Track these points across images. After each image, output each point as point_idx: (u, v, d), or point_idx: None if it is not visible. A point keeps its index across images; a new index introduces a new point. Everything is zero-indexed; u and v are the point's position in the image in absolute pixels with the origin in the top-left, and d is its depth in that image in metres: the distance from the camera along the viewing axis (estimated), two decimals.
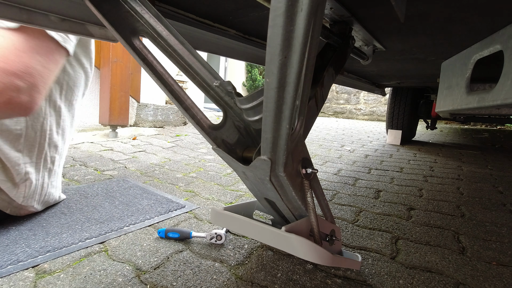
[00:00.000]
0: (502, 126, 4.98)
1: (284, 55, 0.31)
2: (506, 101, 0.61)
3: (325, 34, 0.63)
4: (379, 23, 0.73)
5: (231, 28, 0.84)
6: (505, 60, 0.62)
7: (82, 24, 0.59)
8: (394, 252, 0.82)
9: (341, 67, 0.70)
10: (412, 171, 1.82)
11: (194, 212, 1.03)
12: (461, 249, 0.85)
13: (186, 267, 0.70)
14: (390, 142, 2.95)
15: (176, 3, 0.66)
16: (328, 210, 0.65)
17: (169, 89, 0.49)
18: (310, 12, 0.29)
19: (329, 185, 1.45)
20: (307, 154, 0.52)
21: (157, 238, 0.83)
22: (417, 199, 1.28)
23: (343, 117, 6.72)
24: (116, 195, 1.13)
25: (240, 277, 0.67)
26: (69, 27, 0.57)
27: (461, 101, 0.86)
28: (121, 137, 2.47)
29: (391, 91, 2.98)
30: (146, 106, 2.97)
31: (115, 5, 0.50)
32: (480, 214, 1.13)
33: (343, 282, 0.67)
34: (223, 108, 0.53)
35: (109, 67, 2.42)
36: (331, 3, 0.58)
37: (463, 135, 3.97)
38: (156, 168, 1.61)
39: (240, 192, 1.28)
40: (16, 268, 0.65)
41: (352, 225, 0.99)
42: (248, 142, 0.56)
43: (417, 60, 1.20)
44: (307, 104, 0.46)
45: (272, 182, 0.46)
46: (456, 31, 0.76)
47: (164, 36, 0.51)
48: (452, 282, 0.69)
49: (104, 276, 0.65)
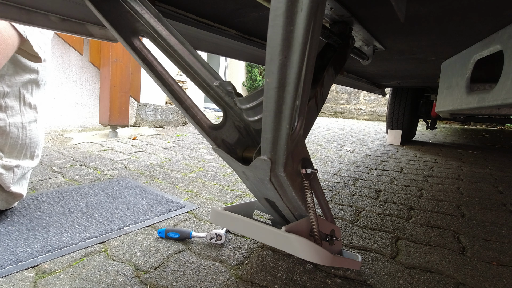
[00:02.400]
0: (502, 126, 4.98)
1: (284, 55, 0.31)
2: (506, 101, 0.61)
3: (325, 34, 0.63)
4: (379, 23, 0.73)
5: (231, 28, 0.84)
6: (505, 60, 0.62)
7: (82, 24, 0.59)
8: (394, 252, 0.82)
9: (341, 67, 0.70)
10: (412, 171, 1.82)
11: (194, 212, 1.03)
12: (461, 249, 0.85)
13: (186, 267, 0.70)
14: (390, 142, 2.95)
15: (176, 3, 0.66)
16: (328, 210, 0.65)
17: (169, 89, 0.49)
18: (310, 12, 0.29)
19: (329, 185, 1.45)
20: (307, 154, 0.52)
21: (157, 238, 0.83)
22: (417, 199, 1.28)
23: (343, 117, 6.72)
24: (116, 195, 1.13)
25: (240, 277, 0.67)
26: (69, 27, 0.57)
27: (461, 101, 0.85)
28: (121, 137, 2.47)
29: (391, 91, 2.98)
30: (146, 106, 2.97)
31: (115, 5, 0.50)
32: (480, 214, 1.13)
33: (343, 282, 0.67)
34: (223, 108, 0.53)
35: (109, 67, 2.42)
36: (331, 3, 0.58)
37: (463, 135, 3.97)
38: (156, 168, 1.61)
39: (240, 192, 1.28)
40: (16, 268, 0.65)
41: (352, 225, 0.99)
42: (248, 142, 0.56)
43: (417, 60, 1.20)
44: (307, 104, 0.46)
45: (272, 182, 0.46)
46: (456, 31, 0.76)
47: (164, 36, 0.51)
48: (452, 282, 0.69)
49: (104, 276, 0.65)
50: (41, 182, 1.25)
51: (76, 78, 2.53)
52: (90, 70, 2.61)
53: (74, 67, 2.50)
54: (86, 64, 2.57)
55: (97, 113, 2.66)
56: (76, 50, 2.48)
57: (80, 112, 2.59)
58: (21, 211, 0.93)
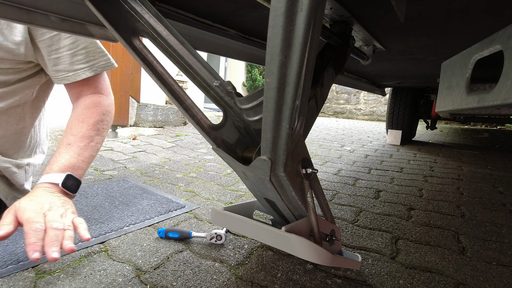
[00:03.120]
0: (502, 126, 4.98)
1: (284, 55, 0.31)
2: (506, 101, 0.61)
3: (325, 34, 0.63)
4: (379, 23, 0.73)
5: (231, 28, 0.84)
6: (505, 60, 0.62)
7: (82, 24, 0.59)
8: (394, 252, 0.82)
9: (341, 67, 0.70)
10: (412, 171, 1.82)
11: (194, 212, 1.03)
12: (461, 249, 0.85)
13: (186, 267, 0.70)
14: (390, 142, 2.95)
15: (176, 3, 0.66)
16: (328, 210, 0.65)
17: (169, 89, 0.49)
18: (310, 12, 0.29)
19: (329, 185, 1.45)
20: (307, 154, 0.52)
21: (157, 238, 0.83)
22: (417, 199, 1.28)
23: (343, 117, 6.72)
24: (116, 195, 1.13)
25: (240, 277, 0.67)
26: (69, 27, 0.57)
27: (461, 101, 0.85)
28: (121, 137, 2.47)
29: (391, 91, 2.98)
30: (146, 106, 2.97)
31: (115, 5, 0.50)
32: (480, 214, 1.13)
33: (343, 282, 0.67)
34: (223, 108, 0.53)
35: None
36: (331, 3, 0.58)
37: (463, 135, 3.97)
38: (156, 168, 1.61)
39: (240, 192, 1.28)
40: (16, 268, 0.65)
41: (352, 225, 0.99)
42: (248, 142, 0.56)
43: (417, 60, 1.20)
44: (307, 104, 0.46)
45: (272, 182, 0.46)
46: (456, 31, 0.76)
47: (164, 36, 0.51)
48: (452, 282, 0.69)
49: (104, 276, 0.65)
50: None
51: None
52: None
53: None
54: None
55: None
56: None
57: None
58: None
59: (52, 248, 0.58)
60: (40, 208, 0.64)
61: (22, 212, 0.62)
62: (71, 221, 0.66)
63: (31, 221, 0.61)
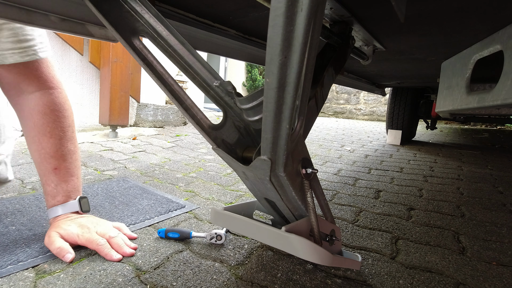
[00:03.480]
0: (502, 126, 4.98)
1: (284, 55, 0.31)
2: (506, 101, 0.61)
3: (325, 34, 0.63)
4: (379, 23, 0.73)
5: (231, 28, 0.84)
6: (505, 60, 0.62)
7: (82, 24, 0.59)
8: (394, 252, 0.82)
9: (341, 67, 0.70)
10: (412, 171, 1.82)
11: (194, 212, 1.03)
12: (461, 249, 0.85)
13: (186, 267, 0.70)
14: (390, 142, 2.95)
15: (176, 3, 0.66)
16: (328, 210, 0.65)
17: (169, 89, 0.49)
18: (310, 12, 0.29)
19: (329, 185, 1.45)
20: (307, 154, 0.52)
21: (157, 238, 0.83)
22: (417, 199, 1.28)
23: (343, 117, 6.72)
24: (116, 195, 1.13)
25: (240, 277, 0.67)
26: (69, 27, 0.57)
27: (461, 101, 0.86)
28: (121, 137, 2.47)
29: (391, 91, 2.98)
30: (146, 106, 2.97)
31: (115, 5, 0.50)
32: (480, 214, 1.13)
33: (343, 282, 0.67)
34: (223, 108, 0.53)
35: (109, 67, 2.42)
36: (331, 3, 0.58)
37: (463, 135, 3.97)
38: (156, 168, 1.61)
39: (240, 192, 1.28)
40: (16, 268, 0.65)
41: (352, 225, 0.99)
42: (248, 142, 0.56)
43: (417, 60, 1.20)
44: (307, 104, 0.46)
45: (272, 182, 0.46)
46: (456, 31, 0.76)
47: (164, 36, 0.51)
48: (452, 282, 0.69)
49: (104, 276, 0.65)
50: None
51: (76, 78, 2.53)
52: (90, 70, 2.61)
53: (74, 67, 2.50)
54: (86, 64, 2.57)
55: (97, 113, 2.66)
56: (76, 50, 2.48)
57: (80, 112, 2.59)
58: (21, 211, 0.93)
59: (123, 250, 0.72)
60: (87, 230, 0.74)
61: (76, 237, 0.72)
62: (114, 227, 0.78)
63: (92, 240, 0.72)
